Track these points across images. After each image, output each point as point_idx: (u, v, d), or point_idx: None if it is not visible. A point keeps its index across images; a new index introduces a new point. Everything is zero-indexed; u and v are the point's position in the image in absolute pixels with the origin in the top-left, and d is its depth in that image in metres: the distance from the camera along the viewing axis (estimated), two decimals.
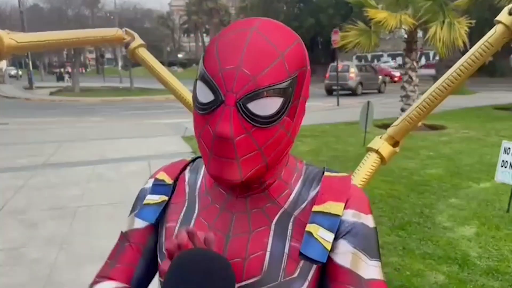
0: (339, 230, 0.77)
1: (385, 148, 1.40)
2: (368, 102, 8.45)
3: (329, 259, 0.76)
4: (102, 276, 0.90)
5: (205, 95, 0.71)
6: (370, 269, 0.76)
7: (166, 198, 0.89)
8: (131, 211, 0.94)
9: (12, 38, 1.35)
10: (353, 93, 22.77)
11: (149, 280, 0.92)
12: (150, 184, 0.94)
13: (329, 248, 0.75)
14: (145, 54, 1.80)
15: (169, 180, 0.91)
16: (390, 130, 1.42)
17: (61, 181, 6.67)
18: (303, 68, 0.74)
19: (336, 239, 0.76)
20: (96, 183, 6.53)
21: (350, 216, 0.78)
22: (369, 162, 1.40)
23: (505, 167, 4.87)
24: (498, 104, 15.31)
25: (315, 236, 0.75)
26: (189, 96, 1.76)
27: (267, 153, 0.72)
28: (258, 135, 0.70)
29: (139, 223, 0.91)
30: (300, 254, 0.75)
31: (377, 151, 1.40)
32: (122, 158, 8.23)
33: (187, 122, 12.45)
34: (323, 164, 7.29)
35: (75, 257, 4.01)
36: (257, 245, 0.78)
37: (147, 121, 14.13)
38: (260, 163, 0.73)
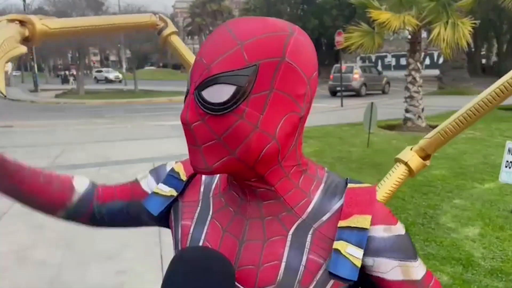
0: (373, 247, 0.75)
1: (415, 161, 1.31)
2: (372, 103, 8.45)
3: (379, 279, 0.76)
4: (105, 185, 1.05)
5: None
6: (419, 269, 0.78)
7: (175, 193, 0.91)
8: (150, 170, 1.02)
9: (45, 24, 1.31)
10: (357, 94, 22.73)
11: (117, 222, 1.01)
12: (169, 168, 0.98)
13: (359, 265, 0.73)
14: (177, 42, 1.74)
15: (183, 176, 0.92)
16: (422, 142, 1.33)
17: None
18: (273, 59, 0.70)
19: (372, 256, 0.75)
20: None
21: (381, 231, 0.76)
22: (397, 174, 1.32)
23: (509, 167, 4.86)
24: (503, 104, 15.25)
25: (344, 253, 0.73)
26: None
27: (231, 145, 0.71)
28: (212, 123, 0.70)
29: (144, 185, 0.98)
30: (330, 273, 0.73)
31: (406, 163, 1.32)
32: (126, 160, 8.27)
33: None
34: (327, 166, 7.29)
35: (81, 258, 4.04)
36: (272, 254, 0.76)
37: (152, 123, 14.19)
38: (226, 155, 0.72)
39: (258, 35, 0.71)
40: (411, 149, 1.36)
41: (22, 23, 1.26)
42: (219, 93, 0.69)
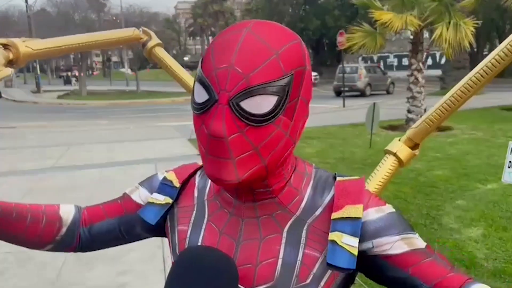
0: (369, 231, 0.76)
1: (404, 151, 1.35)
2: (374, 104, 8.44)
3: (385, 257, 0.76)
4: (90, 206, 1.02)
5: (201, 95, 0.71)
6: (420, 240, 0.78)
7: (171, 200, 0.90)
8: (139, 183, 1.00)
9: (28, 46, 1.35)
10: (362, 94, 22.81)
11: (107, 241, 1.00)
12: (161, 177, 0.96)
13: (356, 254, 0.74)
14: (162, 53, 1.78)
15: (176, 183, 0.92)
16: (409, 132, 1.38)
17: (69, 184, 6.72)
18: (301, 68, 0.73)
19: (371, 239, 0.76)
20: (103, 185, 6.57)
21: (373, 213, 0.78)
22: (386, 166, 1.35)
23: None
24: (506, 104, 15.21)
25: (340, 243, 0.74)
26: None
27: (264, 153, 0.71)
28: (252, 134, 0.69)
29: (136, 197, 0.96)
30: (328, 264, 0.74)
31: (394, 154, 1.35)
32: (129, 161, 8.28)
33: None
34: (329, 166, 7.30)
35: (83, 260, 4.04)
36: (269, 252, 0.78)
37: (154, 123, 14.20)
38: (257, 164, 0.71)
39: (286, 43, 0.72)
40: (399, 139, 1.40)
41: (5, 46, 1.31)
42: (260, 104, 0.68)
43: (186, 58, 71.55)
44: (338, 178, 0.83)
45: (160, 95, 27.06)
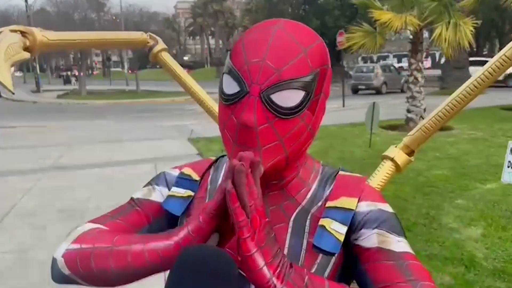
0: (356, 222, 0.79)
1: (401, 157, 1.42)
2: (374, 103, 8.44)
3: (357, 247, 0.77)
4: (94, 222, 0.88)
5: (231, 87, 0.74)
6: (400, 244, 0.77)
7: (192, 193, 0.91)
8: (148, 184, 0.96)
9: (44, 35, 1.40)
10: (378, 92, 23.64)
11: None
12: (174, 173, 0.95)
13: (341, 240, 0.77)
14: (167, 58, 1.84)
15: (196, 176, 0.93)
16: (406, 139, 1.44)
17: (69, 183, 6.72)
18: (325, 66, 0.78)
19: (356, 230, 0.78)
20: (103, 185, 6.57)
21: (364, 206, 0.80)
22: (384, 170, 1.43)
23: None
24: (506, 104, 15.22)
25: (328, 229, 0.78)
26: (209, 100, 1.79)
27: (287, 144, 0.75)
28: (279, 126, 0.73)
29: (159, 197, 0.92)
30: (313, 246, 0.77)
31: (392, 159, 1.42)
32: (129, 161, 8.28)
33: (193, 124, 12.49)
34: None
35: None
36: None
37: (154, 123, 14.19)
38: (280, 154, 0.75)
39: (313, 42, 0.77)
40: (395, 146, 1.47)
41: (23, 33, 1.37)
42: (289, 98, 0.73)
43: (185, 58, 71.59)
44: (340, 172, 0.87)
45: (160, 95, 27.05)
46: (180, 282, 0.71)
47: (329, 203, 0.81)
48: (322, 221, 0.79)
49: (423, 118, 12.77)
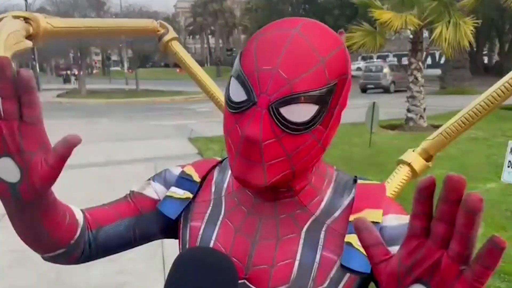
0: (385, 237, 0.71)
1: (418, 162, 1.33)
2: (374, 103, 8.45)
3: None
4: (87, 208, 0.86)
5: (238, 94, 0.69)
6: None
7: (191, 195, 0.87)
8: (149, 178, 0.93)
9: (49, 22, 1.32)
10: (386, 91, 23.86)
11: (114, 247, 0.87)
12: (176, 172, 0.92)
13: None
14: (178, 47, 1.75)
15: (196, 178, 0.89)
16: (424, 143, 1.34)
17: (68, 183, 6.70)
18: (344, 76, 0.70)
19: (388, 246, 0.69)
20: (103, 184, 6.57)
21: (393, 220, 0.75)
22: (401, 175, 1.34)
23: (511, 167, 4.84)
24: (506, 104, 15.21)
25: (356, 246, 0.71)
26: (219, 94, 1.70)
27: (295, 160, 0.69)
28: (287, 141, 0.67)
29: (151, 193, 0.89)
30: (342, 266, 0.72)
31: (409, 164, 1.33)
32: (128, 160, 8.28)
33: (193, 123, 12.50)
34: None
35: None
36: (286, 252, 0.75)
37: (153, 122, 14.18)
38: (287, 170, 0.70)
39: (333, 49, 0.69)
40: (413, 150, 1.37)
41: (26, 20, 1.28)
42: (301, 113, 0.66)
43: None
44: (359, 181, 0.81)
45: (160, 94, 27.01)
46: (179, 281, 0.70)
47: (353, 217, 0.74)
48: (348, 238, 0.73)
49: (423, 118, 12.79)
